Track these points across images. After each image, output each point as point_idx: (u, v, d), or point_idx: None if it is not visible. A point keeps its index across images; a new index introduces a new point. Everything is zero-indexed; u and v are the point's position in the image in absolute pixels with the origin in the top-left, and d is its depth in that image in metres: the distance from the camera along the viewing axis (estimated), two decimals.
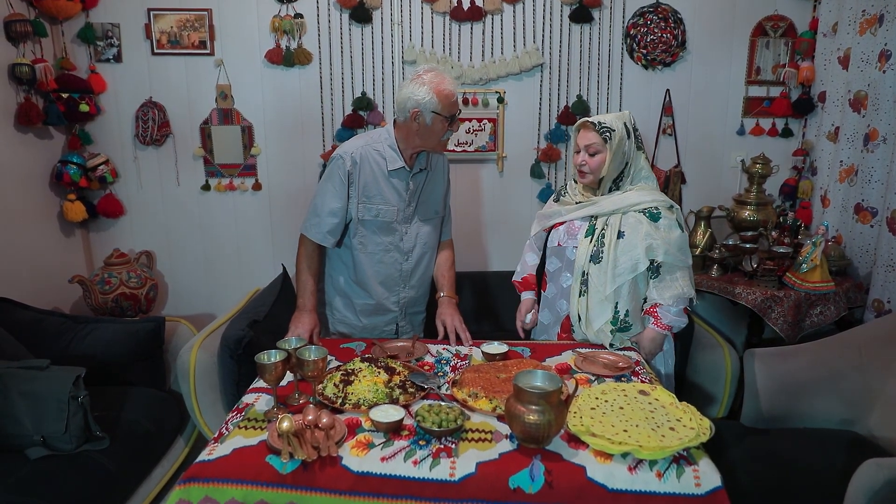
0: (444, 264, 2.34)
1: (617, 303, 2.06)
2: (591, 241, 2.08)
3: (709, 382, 2.59)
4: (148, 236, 3.38)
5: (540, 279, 2.29)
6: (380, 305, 2.26)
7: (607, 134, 2.03)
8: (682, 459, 1.40)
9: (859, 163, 2.76)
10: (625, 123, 2.06)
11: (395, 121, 2.14)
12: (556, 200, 2.29)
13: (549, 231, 2.27)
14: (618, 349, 2.05)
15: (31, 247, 2.94)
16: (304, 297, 2.14)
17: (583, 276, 2.08)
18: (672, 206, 2.09)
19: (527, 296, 2.33)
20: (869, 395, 2.07)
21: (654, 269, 2.06)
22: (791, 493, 1.77)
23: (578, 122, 2.12)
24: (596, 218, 2.10)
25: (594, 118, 2.07)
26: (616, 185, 2.11)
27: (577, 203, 2.17)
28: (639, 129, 2.14)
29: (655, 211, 2.05)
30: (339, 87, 3.20)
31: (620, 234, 2.04)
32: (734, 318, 3.27)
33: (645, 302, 2.12)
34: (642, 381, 1.79)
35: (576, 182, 2.22)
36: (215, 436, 1.54)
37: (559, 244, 2.18)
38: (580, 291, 2.09)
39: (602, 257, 2.04)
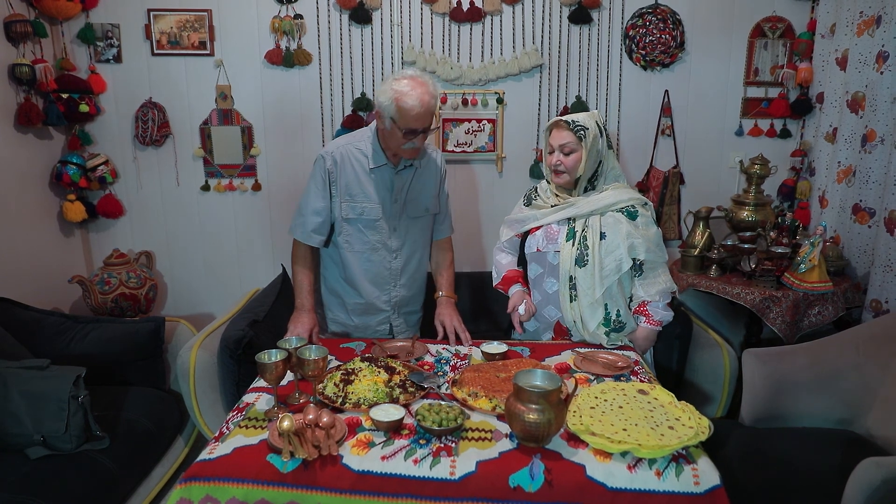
0: (443, 263, 2.33)
1: (607, 304, 2.06)
2: (573, 245, 2.07)
3: (707, 382, 2.59)
4: (147, 236, 3.38)
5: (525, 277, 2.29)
6: (370, 305, 2.25)
7: (582, 132, 2.03)
8: (681, 458, 1.41)
9: (857, 163, 2.77)
10: (596, 122, 2.07)
11: None
12: (528, 205, 2.27)
13: (523, 237, 2.25)
14: (615, 348, 2.06)
15: (30, 247, 2.94)
16: (301, 296, 2.14)
17: (570, 280, 2.08)
18: (646, 203, 2.11)
19: (515, 289, 2.28)
20: (867, 394, 2.07)
21: (638, 268, 2.07)
22: (789, 492, 1.78)
23: (550, 122, 2.11)
24: (574, 220, 2.09)
25: (566, 117, 2.07)
26: (591, 184, 2.11)
27: (552, 206, 2.16)
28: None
29: (633, 209, 2.07)
30: (338, 87, 3.21)
31: (602, 236, 2.05)
32: (732, 318, 3.28)
33: (631, 300, 2.12)
34: (641, 381, 1.80)
35: (549, 183, 2.21)
36: (216, 435, 1.55)
37: (538, 249, 2.17)
38: (571, 297, 2.08)
39: (587, 260, 2.04)
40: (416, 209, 2.22)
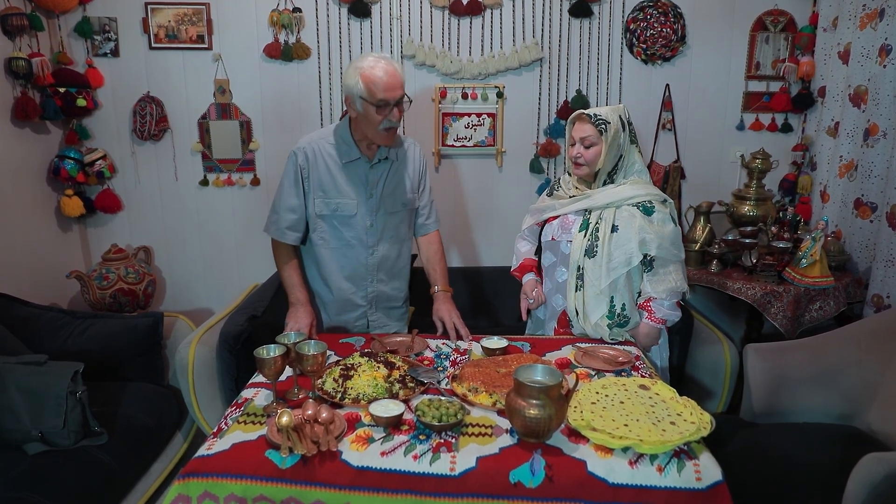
0: (434, 257, 2.29)
1: (612, 297, 2.06)
2: (585, 236, 2.07)
3: (708, 377, 2.59)
4: (146, 232, 3.36)
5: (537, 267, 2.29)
6: (347, 301, 2.22)
7: (603, 126, 2.03)
8: (682, 454, 1.40)
9: (859, 158, 2.76)
10: (620, 116, 2.06)
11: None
12: (550, 195, 2.28)
13: (542, 225, 2.26)
14: (616, 343, 2.05)
15: (28, 242, 2.92)
16: (294, 292, 2.12)
17: (578, 270, 2.08)
18: (665, 200, 2.09)
19: (528, 277, 2.30)
20: (868, 389, 2.07)
21: (648, 263, 2.06)
22: (790, 488, 1.77)
23: (573, 114, 2.11)
24: (590, 212, 2.10)
25: (590, 110, 2.07)
26: (610, 178, 2.10)
27: (570, 197, 2.16)
28: (633, 123, 2.13)
29: (649, 205, 2.06)
30: (337, 81, 3.19)
31: (614, 228, 2.04)
32: (733, 313, 3.28)
33: (639, 296, 2.12)
34: (642, 376, 1.79)
35: (570, 175, 2.21)
36: (214, 430, 1.54)
37: (553, 238, 2.18)
38: (576, 286, 2.09)
39: (596, 251, 2.04)
40: (393, 204, 2.17)
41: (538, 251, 2.30)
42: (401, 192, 2.19)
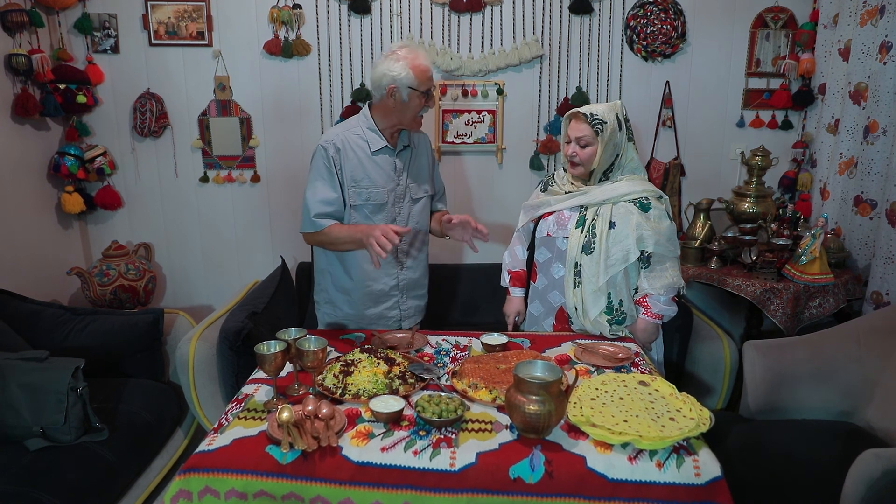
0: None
1: (610, 293, 2.06)
2: (582, 232, 2.07)
3: (707, 374, 2.59)
4: (146, 228, 3.37)
5: (529, 270, 2.29)
6: (380, 291, 2.24)
7: (599, 126, 2.01)
8: (681, 450, 1.40)
9: (859, 155, 2.76)
10: (616, 115, 2.04)
11: (369, 103, 2.15)
12: (544, 190, 2.27)
13: (536, 222, 2.25)
14: (616, 339, 2.06)
15: (28, 239, 2.93)
16: (350, 229, 2.06)
17: (575, 267, 2.07)
18: (661, 197, 2.09)
19: (516, 293, 2.33)
20: (867, 386, 2.07)
21: (645, 260, 2.06)
22: (789, 484, 1.78)
23: (569, 112, 2.09)
24: (586, 208, 2.09)
25: (585, 109, 2.04)
26: (606, 176, 2.10)
27: (566, 193, 2.15)
28: (632, 120, 2.12)
29: (646, 201, 2.05)
30: (337, 78, 3.19)
31: (612, 225, 2.04)
32: (733, 309, 3.28)
33: (636, 292, 2.12)
34: (642, 372, 1.79)
35: (565, 170, 2.20)
36: (215, 426, 1.54)
37: (549, 234, 2.17)
38: (574, 283, 2.08)
39: (594, 248, 2.04)
40: (417, 190, 2.22)
41: (531, 247, 2.29)
42: (423, 179, 2.24)
